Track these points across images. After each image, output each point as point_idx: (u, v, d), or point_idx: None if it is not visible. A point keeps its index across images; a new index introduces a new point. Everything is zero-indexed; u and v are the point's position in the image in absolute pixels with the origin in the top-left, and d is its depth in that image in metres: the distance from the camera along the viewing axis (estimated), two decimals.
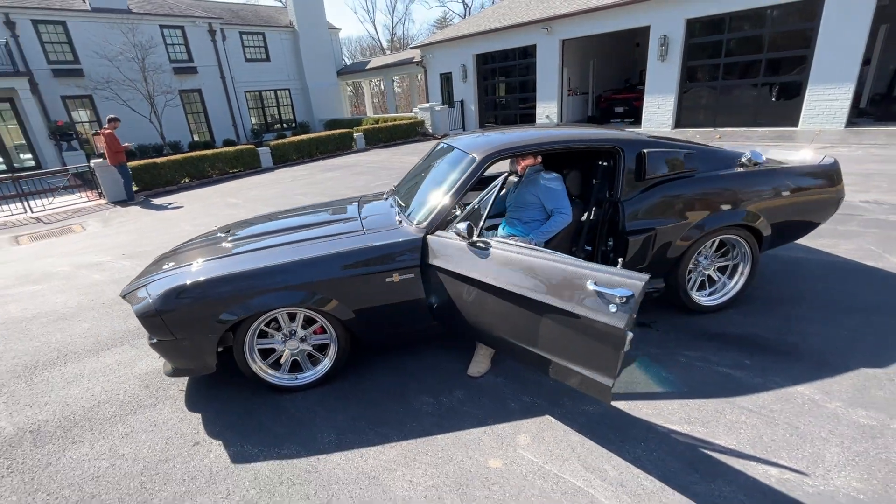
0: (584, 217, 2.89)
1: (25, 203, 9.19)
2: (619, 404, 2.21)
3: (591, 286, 1.67)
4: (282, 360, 2.53)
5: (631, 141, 2.74)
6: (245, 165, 12.48)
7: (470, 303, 2.24)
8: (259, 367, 2.48)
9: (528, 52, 16.04)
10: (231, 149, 12.28)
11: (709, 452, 1.88)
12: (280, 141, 13.54)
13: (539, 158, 2.93)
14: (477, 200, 2.41)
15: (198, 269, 2.45)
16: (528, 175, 2.90)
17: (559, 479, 1.81)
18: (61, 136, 14.70)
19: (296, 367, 2.60)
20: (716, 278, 3.04)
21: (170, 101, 16.88)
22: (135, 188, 10.25)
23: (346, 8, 67.42)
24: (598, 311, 1.65)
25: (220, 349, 2.40)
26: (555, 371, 1.95)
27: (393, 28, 46.20)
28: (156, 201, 9.58)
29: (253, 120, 21.41)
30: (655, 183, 2.72)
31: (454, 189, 2.55)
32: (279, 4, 23.38)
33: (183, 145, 17.96)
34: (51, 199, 9.67)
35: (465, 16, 37.54)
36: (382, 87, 25.40)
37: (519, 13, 15.93)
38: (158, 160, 10.82)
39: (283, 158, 13.40)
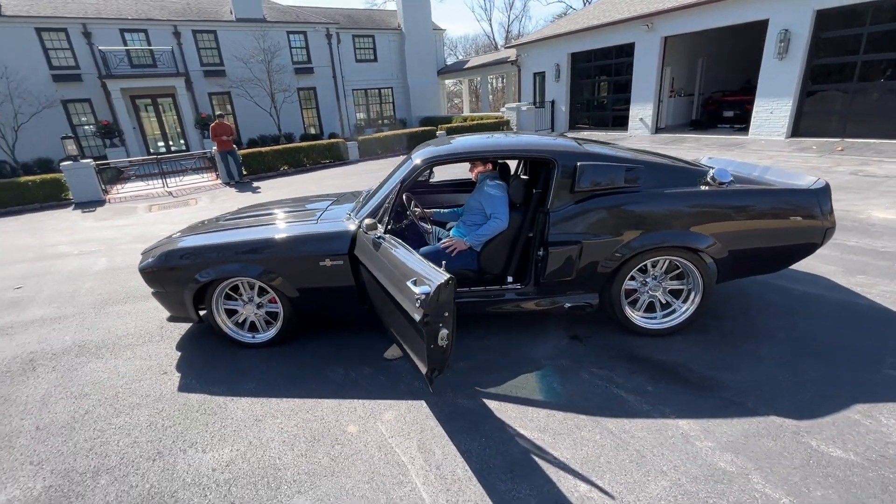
0: (521, 225, 2.95)
1: (164, 180, 11.47)
2: (491, 403, 2.33)
3: (409, 284, 1.86)
4: (240, 321, 3.09)
5: (567, 152, 2.75)
6: (335, 157, 13.88)
7: (371, 290, 2.53)
8: (223, 322, 3.06)
9: (624, 51, 15.15)
10: (324, 142, 13.77)
11: (537, 459, 1.94)
12: (366, 136, 14.78)
13: (489, 166, 3.06)
14: (381, 198, 2.70)
15: (186, 239, 3.11)
16: (479, 181, 3.07)
17: (391, 452, 2.04)
18: (203, 126, 17.76)
19: (253, 327, 3.13)
20: (666, 301, 2.87)
21: (288, 97, 19.30)
22: (244, 171, 12.12)
23: (464, 7, 69.08)
24: (410, 307, 1.85)
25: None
26: (407, 356, 2.17)
27: (508, 26, 46.20)
28: (256, 184, 11.24)
29: (359, 115, 23.41)
30: (589, 196, 2.69)
31: (389, 189, 2.84)
32: (391, 8, 25.07)
33: (295, 136, 20.39)
34: (181, 177, 11.93)
35: None
36: (479, 86, 25.91)
37: (619, 9, 15.10)
38: (263, 149, 12.63)
39: (369, 152, 14.59)
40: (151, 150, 18.41)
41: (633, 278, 2.81)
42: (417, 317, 1.78)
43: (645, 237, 2.63)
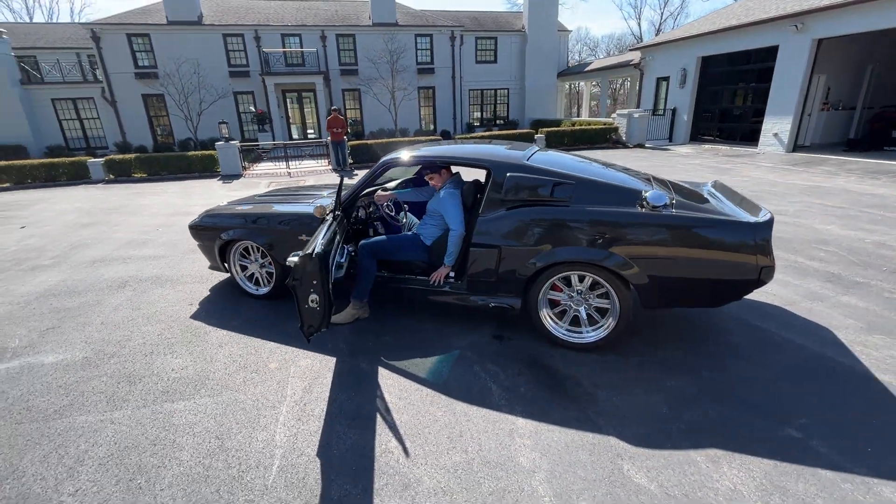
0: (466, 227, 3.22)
1: (287, 162, 13.65)
2: (384, 371, 2.71)
3: (291, 255, 2.36)
4: (248, 275, 3.92)
5: (503, 163, 2.95)
6: None
7: None
8: (237, 273, 3.93)
9: (764, 56, 13.27)
10: (422, 138, 14.80)
11: (379, 417, 2.30)
12: (463, 136, 15.43)
13: (444, 173, 3.32)
14: (349, 191, 3.21)
15: (224, 207, 4.05)
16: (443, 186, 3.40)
17: (283, 386, 2.59)
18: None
19: (259, 282, 3.95)
20: (589, 317, 2.89)
21: (407, 95, 20.96)
22: (350, 160, 13.77)
23: (611, 5, 65.32)
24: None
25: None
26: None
27: (660, 24, 42.53)
28: (357, 172, 12.71)
29: (473, 115, 24.28)
30: (518, 206, 2.86)
31: (357, 184, 3.37)
32: (517, 9, 25.27)
33: (410, 132, 22.08)
34: (301, 161, 14.03)
35: None
36: (600, 89, 24.67)
37: (764, 8, 13.24)
38: (369, 142, 14.14)
39: None
40: (294, 136, 21.71)
41: (560, 290, 2.90)
42: (289, 280, 2.29)
43: (559, 250, 2.72)
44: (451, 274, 3.21)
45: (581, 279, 2.82)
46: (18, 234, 6.74)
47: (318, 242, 2.41)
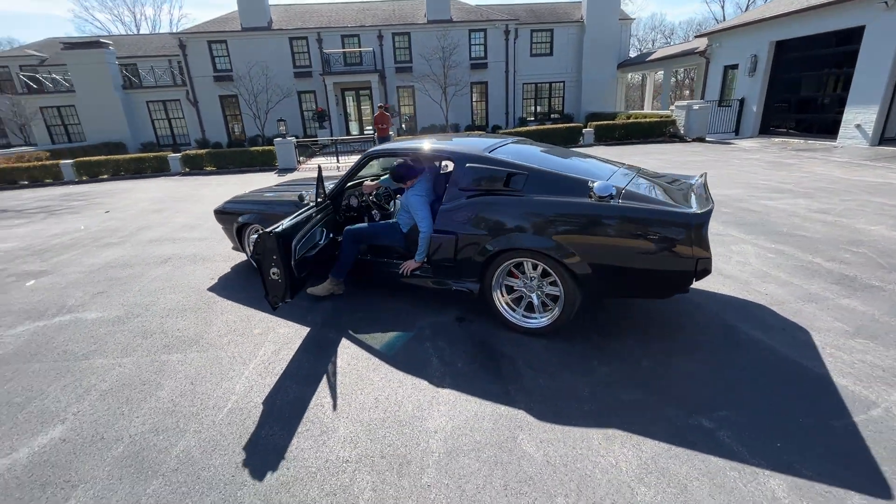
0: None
1: (338, 157, 14.49)
2: (346, 341, 3.02)
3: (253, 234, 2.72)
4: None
5: (463, 155, 3.12)
6: None
7: None
8: (249, 255, 4.45)
9: (847, 38, 11.90)
10: (472, 133, 15.00)
11: (324, 376, 2.61)
12: (514, 129, 15.37)
13: (412, 181, 3.47)
14: (337, 182, 3.56)
15: (246, 194, 4.58)
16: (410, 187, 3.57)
17: (257, 349, 2.98)
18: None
19: None
20: (550, 305, 2.98)
21: (458, 90, 21.20)
22: None
23: None
24: None
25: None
26: None
27: (748, 6, 38.67)
28: None
29: (528, 109, 23.99)
30: (476, 195, 3.02)
31: (344, 175, 3.70)
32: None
33: (461, 127, 22.33)
34: (350, 156, 14.82)
35: None
36: (663, 80, 23.21)
37: None
38: (402, 137, 14.59)
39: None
40: (352, 132, 22.84)
41: (517, 276, 3.03)
42: (252, 254, 2.66)
43: (508, 237, 2.85)
44: (426, 264, 3.43)
45: (534, 267, 2.93)
46: (102, 217, 7.94)
47: (282, 224, 2.76)
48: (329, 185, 3.83)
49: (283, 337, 3.14)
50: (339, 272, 3.55)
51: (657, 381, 2.44)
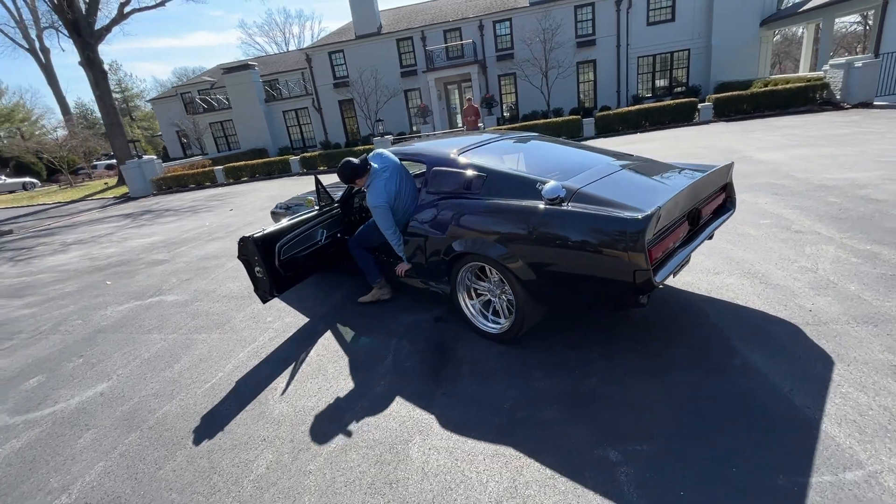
0: None
1: None
2: (321, 328, 3.34)
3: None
4: None
5: (433, 158, 3.14)
6: (568, 134, 14.22)
7: None
8: None
9: None
10: (558, 119, 14.30)
11: (291, 354, 2.95)
12: (604, 113, 14.18)
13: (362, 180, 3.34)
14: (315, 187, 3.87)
15: (296, 197, 5.22)
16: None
17: (262, 332, 3.47)
18: (487, 104, 21.11)
19: None
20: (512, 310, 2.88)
21: (561, 73, 20.17)
22: None
23: None
24: None
25: None
26: None
27: None
28: None
29: (639, 85, 21.74)
30: (442, 197, 3.04)
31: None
32: None
33: (565, 111, 21.23)
34: None
35: None
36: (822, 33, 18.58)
37: None
38: (502, 128, 14.41)
39: (608, 129, 14.08)
40: (457, 125, 23.44)
41: (483, 279, 2.99)
42: (239, 255, 3.11)
43: (462, 241, 2.82)
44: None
45: (491, 270, 2.85)
46: (226, 214, 9.66)
47: (266, 230, 3.16)
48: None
49: (286, 325, 3.59)
50: (371, 277, 3.69)
51: (591, 403, 2.23)
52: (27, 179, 27.73)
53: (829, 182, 5.40)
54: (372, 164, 3.27)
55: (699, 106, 13.38)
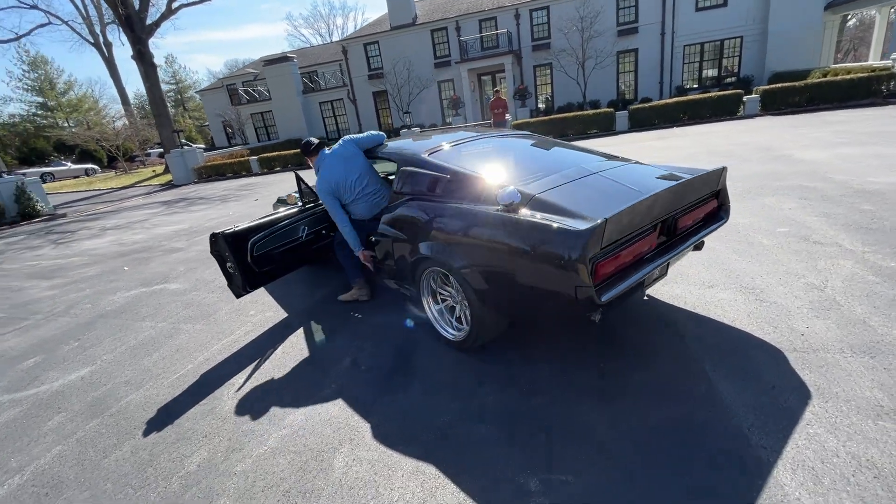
0: None
1: None
2: (300, 330, 3.37)
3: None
4: None
5: (403, 157, 3.07)
6: (600, 127, 13.66)
7: None
8: None
9: None
10: (589, 112, 13.73)
11: (257, 351, 3.00)
12: (639, 106, 13.47)
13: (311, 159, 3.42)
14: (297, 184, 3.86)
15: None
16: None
17: (241, 325, 3.55)
18: (521, 96, 20.63)
19: None
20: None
21: (599, 63, 19.36)
22: None
23: None
24: None
25: None
26: None
27: None
28: None
29: (689, 74, 20.51)
30: (410, 197, 2.96)
31: None
32: None
33: (602, 103, 20.39)
34: None
35: None
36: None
37: None
38: (530, 120, 14.05)
39: (642, 122, 13.39)
40: (488, 117, 23.08)
41: (448, 284, 2.90)
42: (211, 250, 3.17)
43: (422, 244, 2.74)
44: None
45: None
46: (251, 204, 9.99)
47: (238, 226, 3.21)
48: None
49: (265, 320, 3.65)
50: (351, 276, 3.68)
51: (531, 424, 2.10)
52: (89, 166, 29.98)
53: (870, 186, 4.86)
54: (326, 149, 3.31)
55: (744, 98, 12.44)
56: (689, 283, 3.28)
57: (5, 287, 5.72)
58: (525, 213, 2.28)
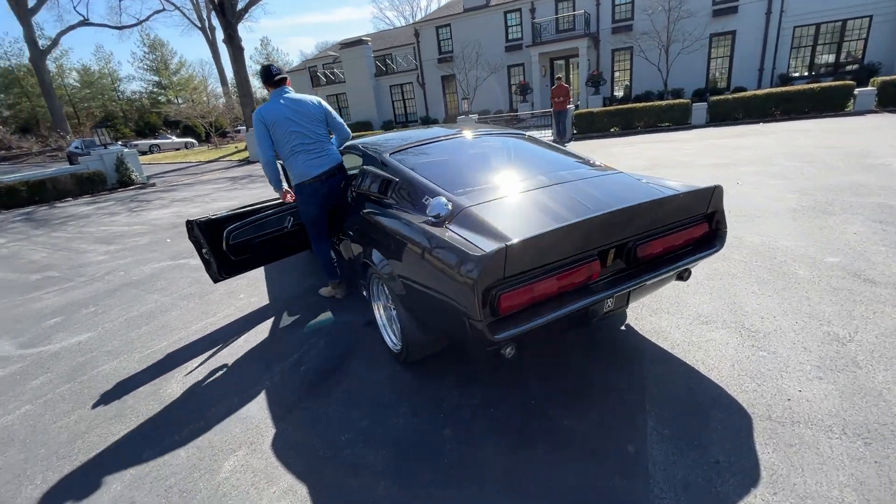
0: None
1: None
2: (271, 319, 3.44)
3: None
4: None
5: (366, 156, 2.94)
6: (673, 120, 12.39)
7: None
8: None
9: None
10: (661, 103, 12.47)
11: (226, 336, 3.11)
12: (720, 97, 11.96)
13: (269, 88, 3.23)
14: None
15: None
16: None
17: (224, 308, 3.72)
18: (594, 83, 19.32)
19: None
20: None
21: (687, 47, 17.46)
22: (574, 131, 13.33)
23: None
24: None
25: None
26: None
27: None
28: (574, 144, 12.29)
29: (792, 62, 17.87)
30: (365, 198, 2.86)
31: None
32: None
33: (686, 92, 18.47)
34: (524, 131, 14.53)
35: None
36: None
37: None
38: (595, 110, 13.11)
39: (723, 116, 11.93)
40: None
41: None
42: (189, 236, 3.32)
43: (367, 250, 2.63)
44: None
45: None
46: None
47: (217, 215, 3.32)
48: None
49: (248, 304, 3.79)
50: (327, 275, 3.63)
51: (426, 460, 1.94)
52: (188, 140, 33.45)
53: None
54: (289, 90, 3.19)
55: (855, 91, 10.53)
56: (681, 315, 2.84)
57: (74, 248, 6.56)
58: (449, 227, 2.07)
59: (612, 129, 12.97)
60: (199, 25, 36.98)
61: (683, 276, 2.36)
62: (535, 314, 1.84)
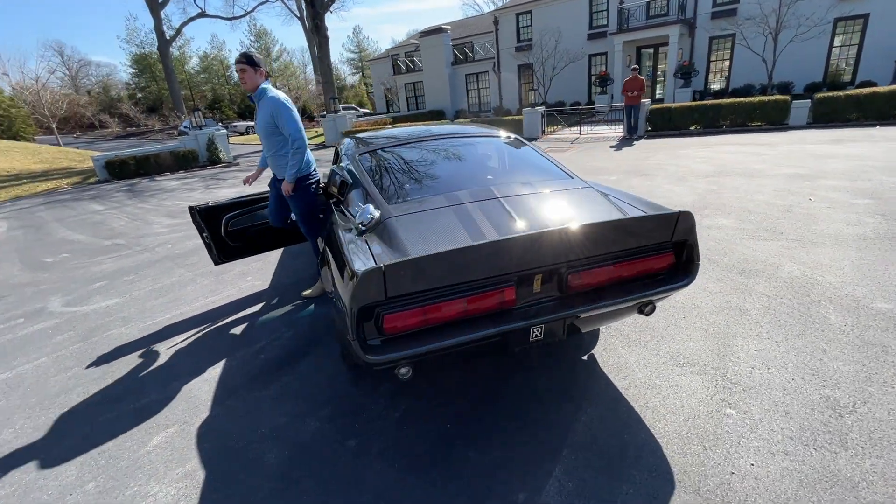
0: None
1: (580, 127, 13.68)
2: (261, 304, 3.65)
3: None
4: None
5: (339, 156, 2.94)
6: (766, 120, 10.89)
7: None
8: None
9: None
10: (752, 99, 10.97)
11: (212, 320, 3.37)
12: (827, 94, 10.19)
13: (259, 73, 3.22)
14: None
15: None
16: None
17: (221, 292, 4.00)
18: (683, 74, 17.52)
19: None
20: None
21: (801, 33, 15.13)
22: (648, 127, 12.31)
23: None
24: None
25: None
26: None
27: None
28: (645, 142, 11.36)
29: None
30: (333, 200, 2.88)
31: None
32: None
33: (797, 86, 16.08)
34: (594, 126, 13.67)
35: None
36: None
37: None
38: (672, 105, 11.91)
39: (830, 116, 10.22)
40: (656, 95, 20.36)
41: None
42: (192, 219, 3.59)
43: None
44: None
45: None
46: None
47: (217, 202, 3.55)
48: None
49: (251, 287, 4.05)
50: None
51: (308, 472, 1.95)
52: None
53: None
54: (269, 87, 3.20)
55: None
56: (657, 352, 2.52)
57: (146, 220, 7.45)
58: (367, 237, 2.02)
59: (692, 127, 11.69)
60: (298, 15, 39.59)
61: (644, 310, 2.09)
62: (432, 337, 1.74)
